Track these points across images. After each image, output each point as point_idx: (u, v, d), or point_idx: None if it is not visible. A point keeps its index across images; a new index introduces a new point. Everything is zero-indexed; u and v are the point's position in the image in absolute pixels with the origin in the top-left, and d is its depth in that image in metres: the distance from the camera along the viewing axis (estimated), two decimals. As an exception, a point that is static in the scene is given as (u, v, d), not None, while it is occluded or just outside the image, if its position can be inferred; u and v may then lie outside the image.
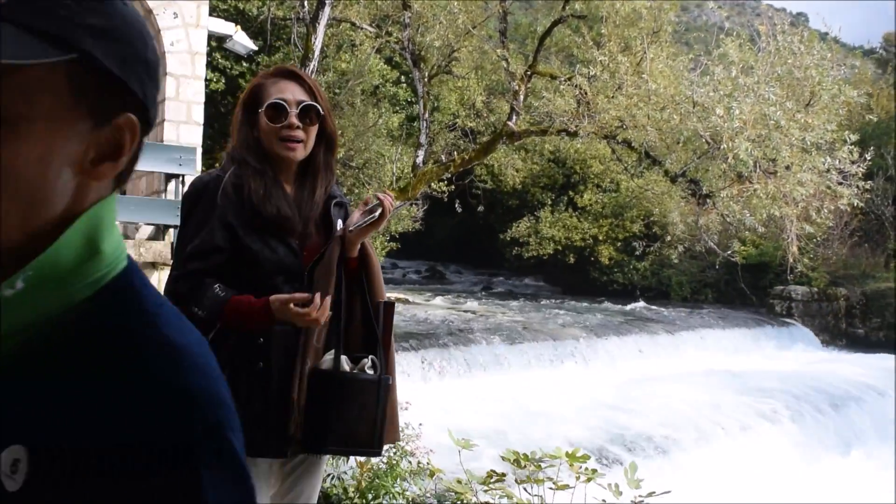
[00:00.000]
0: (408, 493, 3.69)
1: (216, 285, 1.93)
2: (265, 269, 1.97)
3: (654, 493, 3.22)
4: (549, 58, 16.55)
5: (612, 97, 10.37)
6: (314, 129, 2.06)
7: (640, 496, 3.28)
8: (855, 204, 9.93)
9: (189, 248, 1.97)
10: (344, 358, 2.00)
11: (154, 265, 8.36)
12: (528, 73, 11.14)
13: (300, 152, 2.05)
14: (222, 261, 1.95)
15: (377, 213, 2.05)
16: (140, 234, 8.23)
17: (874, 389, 12.38)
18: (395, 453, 3.84)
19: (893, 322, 18.48)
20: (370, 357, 2.04)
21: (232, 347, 1.96)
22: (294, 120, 2.00)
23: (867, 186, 10.09)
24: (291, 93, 2.03)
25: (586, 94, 10.34)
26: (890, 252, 21.70)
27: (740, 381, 11.67)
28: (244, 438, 0.74)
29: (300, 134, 2.02)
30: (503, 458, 3.41)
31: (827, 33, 12.95)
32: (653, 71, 10.11)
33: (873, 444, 10.81)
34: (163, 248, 8.04)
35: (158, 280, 8.41)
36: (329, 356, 2.01)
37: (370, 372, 2.01)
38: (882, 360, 15.66)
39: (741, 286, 19.73)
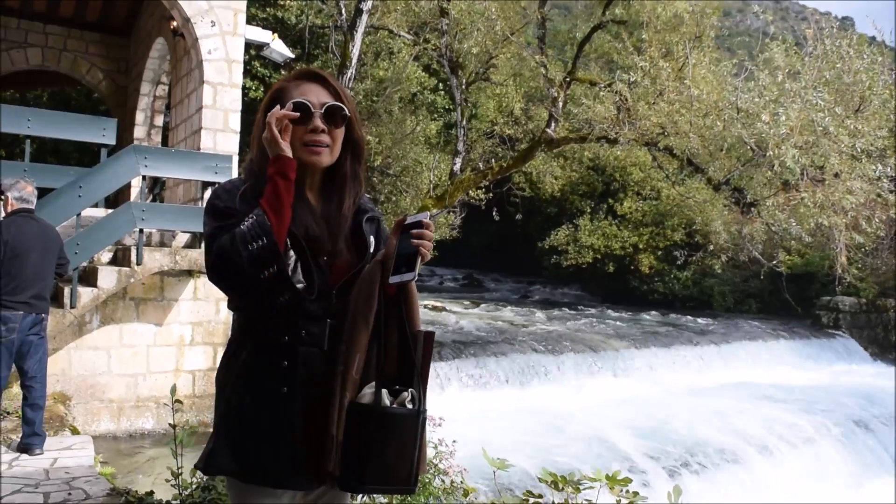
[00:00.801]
0: (441, 512, 3.56)
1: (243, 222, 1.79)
2: (291, 290, 1.83)
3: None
4: (588, 64, 16.34)
5: (654, 103, 10.14)
6: (340, 133, 1.93)
7: (684, 523, 3.09)
8: (907, 213, 9.54)
9: (214, 227, 1.84)
10: (384, 392, 1.87)
11: (190, 273, 8.37)
12: (568, 79, 10.97)
13: (326, 157, 1.92)
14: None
15: (416, 269, 1.87)
16: (176, 242, 8.25)
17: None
18: (428, 470, 3.71)
19: (946, 335, 17.84)
20: (409, 390, 1.91)
21: (250, 370, 1.85)
22: (318, 122, 1.88)
23: (920, 195, 9.70)
24: (315, 95, 1.91)
25: (627, 100, 10.13)
26: (942, 262, 21.03)
27: (790, 396, 11.32)
28: (266, 468, 0.62)
29: (325, 138, 1.89)
30: (540, 480, 3.26)
31: (874, 37, 12.56)
32: (695, 76, 9.87)
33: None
34: (198, 256, 8.04)
35: (194, 287, 8.43)
36: (368, 389, 1.87)
37: (409, 406, 1.89)
38: (936, 374, 15.09)
39: (786, 296, 19.24)
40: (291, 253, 1.85)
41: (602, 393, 10.93)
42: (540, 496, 3.38)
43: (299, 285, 1.85)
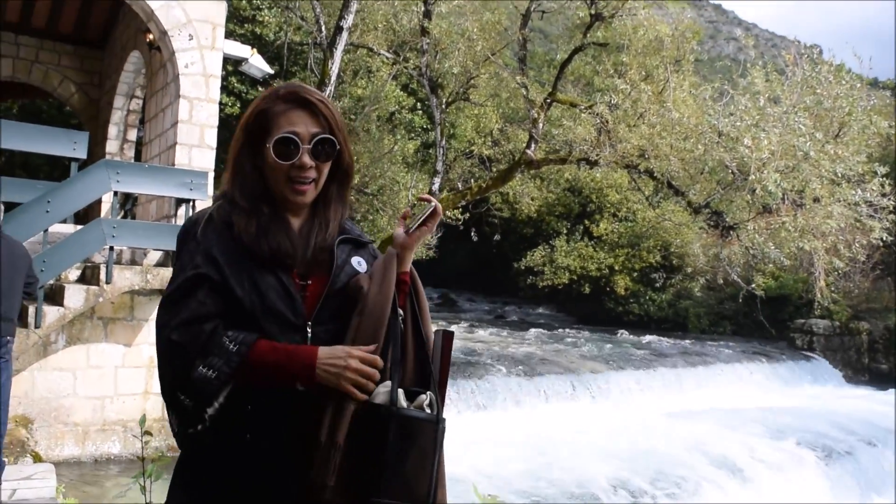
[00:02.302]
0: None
1: (227, 332, 1.59)
2: (256, 316, 1.63)
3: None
4: (566, 87, 16.36)
5: (634, 126, 10.12)
6: (328, 166, 1.77)
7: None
8: (885, 238, 9.60)
9: (168, 293, 1.65)
10: (400, 392, 1.66)
11: (161, 292, 8.13)
12: (548, 100, 10.93)
13: (310, 195, 1.76)
14: (214, 303, 1.61)
15: (432, 207, 1.75)
16: (148, 260, 8.01)
17: (904, 430, 11.93)
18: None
19: (918, 358, 18.02)
20: (428, 393, 1.71)
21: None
22: (306, 159, 1.71)
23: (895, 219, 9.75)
24: (304, 124, 1.72)
25: (607, 122, 10.10)
26: (913, 286, 21.32)
27: (765, 418, 11.27)
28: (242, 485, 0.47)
29: (312, 174, 1.73)
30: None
31: (841, 66, 12.71)
32: (676, 100, 9.88)
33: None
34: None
35: (166, 307, 8.18)
36: (383, 388, 1.65)
37: (428, 411, 1.68)
38: (909, 398, 15.20)
39: (760, 318, 19.34)
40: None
41: (580, 417, 10.80)
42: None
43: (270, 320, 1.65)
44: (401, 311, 1.78)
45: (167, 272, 7.82)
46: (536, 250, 22.22)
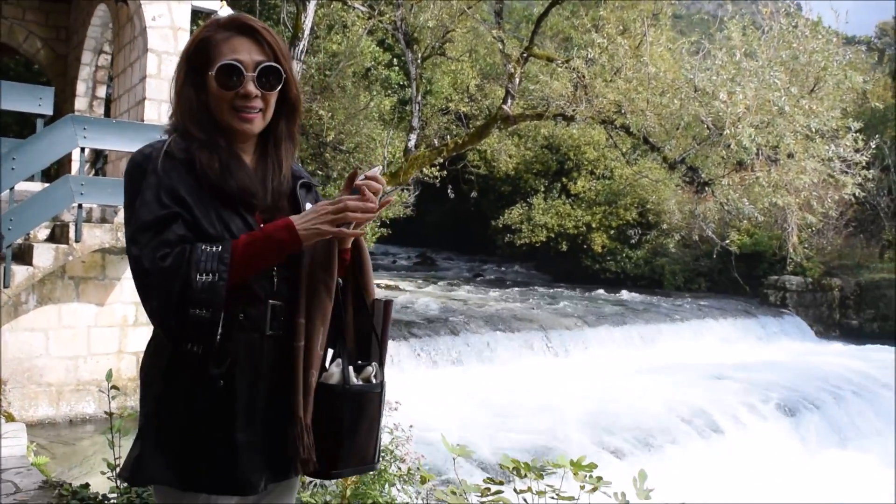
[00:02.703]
0: (397, 500, 3.40)
1: (201, 245, 1.57)
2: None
3: (667, 506, 2.94)
4: (543, 42, 16.19)
5: (611, 81, 10.06)
6: (274, 96, 1.71)
7: (649, 508, 3.00)
8: (857, 194, 9.68)
9: (140, 223, 1.59)
10: (351, 369, 1.74)
11: (133, 250, 8.03)
12: (525, 55, 10.81)
13: (258, 124, 1.70)
14: (189, 237, 1.59)
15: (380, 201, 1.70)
16: (119, 218, 7.89)
17: (872, 381, 12.20)
18: (383, 457, 3.55)
19: (888, 313, 18.34)
20: (373, 364, 1.79)
21: (181, 361, 1.62)
22: (251, 87, 1.65)
23: (868, 176, 9.82)
24: (248, 52, 1.67)
25: (584, 77, 10.03)
26: (885, 243, 21.56)
27: (737, 374, 11.45)
28: (204, 474, 0.45)
29: (258, 103, 1.68)
30: (502, 467, 3.13)
31: (818, 21, 12.67)
32: (652, 54, 9.81)
33: (872, 436, 10.65)
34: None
35: (139, 266, 8.08)
36: (336, 368, 1.73)
37: (374, 380, 1.77)
38: (877, 351, 15.52)
39: (735, 276, 19.54)
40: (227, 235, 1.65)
41: (555, 372, 10.92)
42: (501, 483, 3.27)
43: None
44: (340, 280, 1.80)
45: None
46: (514, 208, 22.20)
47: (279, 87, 1.71)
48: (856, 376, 12.41)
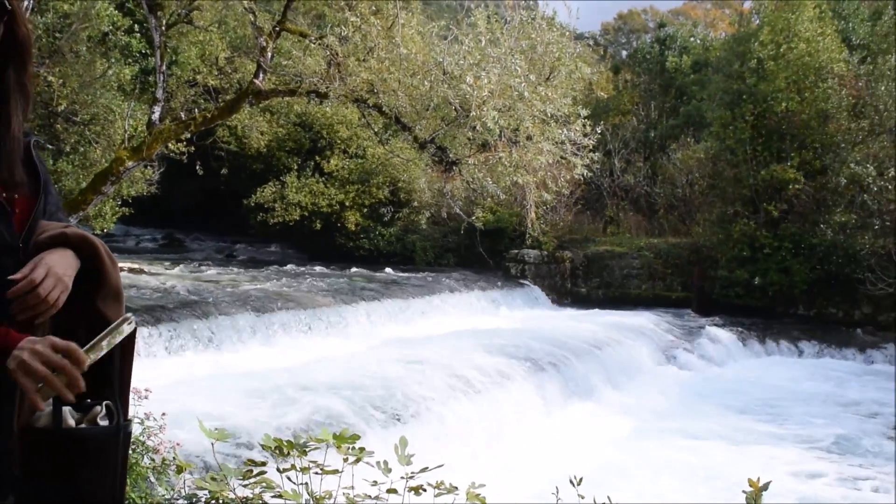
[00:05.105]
0: (153, 494, 3.21)
1: None
2: None
3: (427, 468, 3.09)
4: (297, 18, 15.90)
5: (364, 60, 10.14)
6: None
7: (411, 472, 3.12)
8: (585, 174, 10.69)
9: None
10: (67, 409, 1.40)
11: None
12: (277, 29, 10.56)
13: None
14: None
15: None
16: None
17: (602, 341, 13.71)
18: (133, 450, 3.32)
19: (610, 281, 20.68)
20: (104, 403, 1.46)
21: None
22: None
23: (594, 158, 10.88)
24: None
25: (337, 55, 10.03)
26: (607, 219, 24.37)
27: (487, 341, 12.25)
28: None
29: None
30: (263, 447, 3.08)
31: (553, 17, 13.84)
32: (404, 36, 10.02)
33: (608, 391, 12.03)
34: None
35: None
36: (47, 408, 1.37)
37: (104, 422, 1.45)
38: (603, 315, 17.46)
39: (480, 251, 20.79)
40: None
41: (314, 351, 10.93)
42: (264, 464, 3.22)
43: None
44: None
45: None
46: (267, 186, 21.72)
47: (3, 22, 1.39)
48: (587, 336, 13.90)
